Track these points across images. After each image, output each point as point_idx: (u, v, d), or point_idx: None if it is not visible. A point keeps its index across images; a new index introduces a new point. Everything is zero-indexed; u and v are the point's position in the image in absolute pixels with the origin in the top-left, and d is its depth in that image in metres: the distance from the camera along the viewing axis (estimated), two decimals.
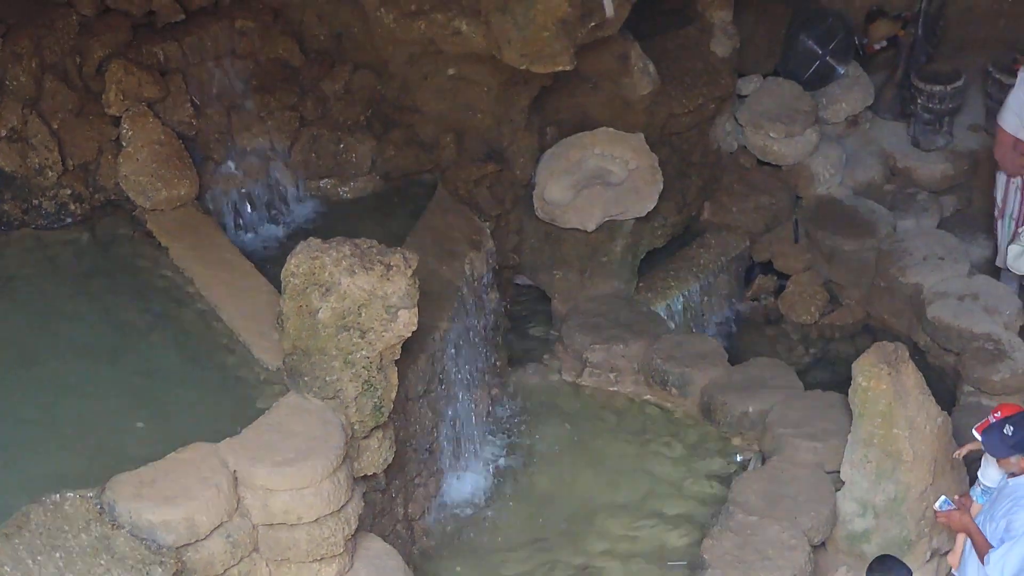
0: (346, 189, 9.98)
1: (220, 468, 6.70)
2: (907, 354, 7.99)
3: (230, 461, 6.75)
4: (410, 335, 7.16)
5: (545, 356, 10.14)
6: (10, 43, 8.84)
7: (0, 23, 8.90)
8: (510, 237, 10.35)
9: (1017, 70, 10.75)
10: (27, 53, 8.87)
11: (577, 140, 10.39)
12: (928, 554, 8.41)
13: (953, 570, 7.87)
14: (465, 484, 9.16)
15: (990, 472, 7.64)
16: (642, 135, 10.35)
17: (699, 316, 10.88)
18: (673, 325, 10.38)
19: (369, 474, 7.49)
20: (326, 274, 6.90)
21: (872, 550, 8.14)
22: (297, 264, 6.97)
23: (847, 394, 8.20)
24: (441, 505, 8.94)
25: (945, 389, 9.69)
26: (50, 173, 8.99)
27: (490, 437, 9.50)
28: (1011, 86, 10.65)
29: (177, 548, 6.50)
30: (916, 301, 10.43)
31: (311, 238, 7.10)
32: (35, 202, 9.00)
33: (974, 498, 7.76)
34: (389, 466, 7.65)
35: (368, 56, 9.98)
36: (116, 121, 9.13)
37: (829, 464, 8.49)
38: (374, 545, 7.49)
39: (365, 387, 7.11)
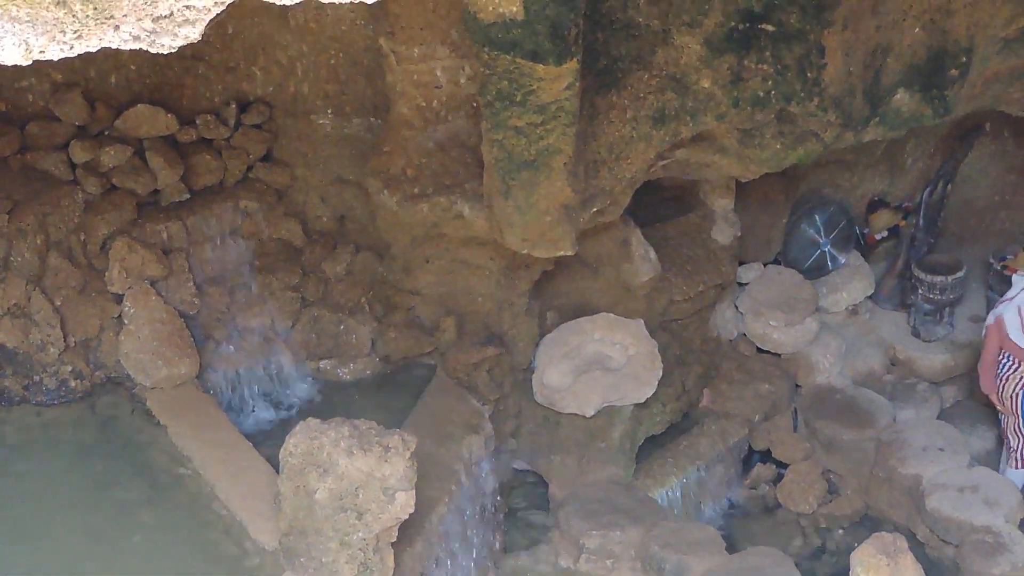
0: (346, 370, 9.99)
1: None
2: (906, 545, 7.90)
3: None
4: (407, 517, 7.11)
5: (542, 541, 10.03)
6: (16, 220, 8.91)
7: (6, 200, 8.99)
8: (508, 421, 10.32)
9: (1010, 274, 10.90)
10: (32, 230, 8.94)
11: (577, 325, 10.42)
12: None
13: None
14: None
15: None
16: (642, 321, 10.38)
17: (697, 503, 10.80)
18: (671, 512, 10.29)
19: None
20: (324, 455, 6.88)
21: None
22: (295, 444, 6.95)
23: None
24: None
25: None
26: (52, 349, 9.01)
27: None
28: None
29: None
30: (915, 492, 10.37)
31: (310, 418, 7.10)
32: (36, 378, 9.00)
33: None
34: None
35: (370, 238, 10.08)
36: (119, 299, 9.17)
37: None
38: None
39: (361, 569, 7.04)
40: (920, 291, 11.72)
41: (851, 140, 9.52)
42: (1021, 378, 10.17)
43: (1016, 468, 10.43)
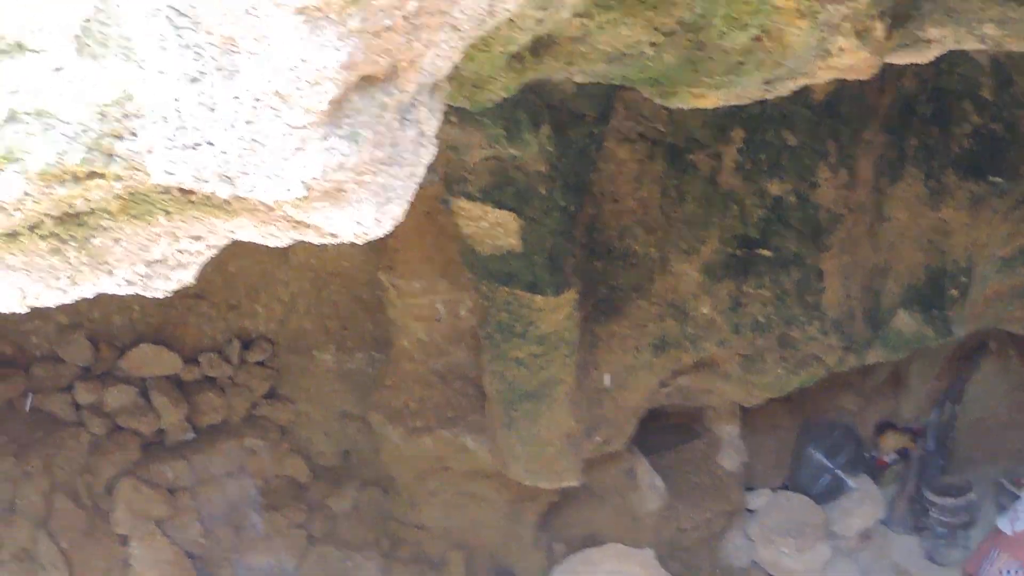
0: None
1: None
2: None
3: None
4: None
5: None
6: (22, 462, 8.90)
7: (12, 443, 8.99)
8: None
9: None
10: (38, 472, 8.92)
11: (586, 556, 10.29)
12: None
13: None
14: None
15: None
16: (651, 551, 10.26)
17: None
18: None
19: None
20: None
21: None
22: None
23: None
24: None
25: None
26: None
27: None
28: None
29: None
30: None
31: None
32: None
33: None
34: None
35: (375, 472, 10.04)
36: (125, 540, 9.11)
37: None
38: None
39: None
40: (933, 514, 11.60)
41: (854, 363, 9.52)
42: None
43: None
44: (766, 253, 8.69)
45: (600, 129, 7.64)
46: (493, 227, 7.54)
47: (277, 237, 3.18)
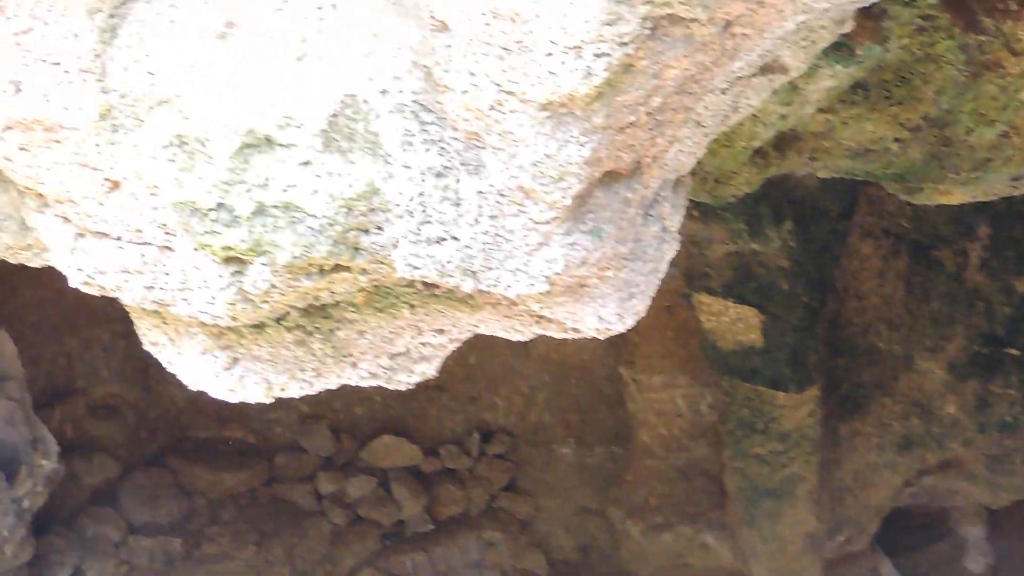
0: None
1: None
2: None
3: None
4: None
5: None
6: (263, 551, 9.06)
7: (254, 531, 9.16)
8: None
9: None
10: (279, 561, 9.08)
11: None
12: None
13: None
14: None
15: None
16: None
17: None
18: None
19: None
20: None
21: None
22: None
23: None
24: None
25: None
26: None
27: None
28: None
29: None
30: None
31: None
32: None
33: None
34: None
35: (614, 568, 9.95)
36: None
37: None
38: None
39: None
40: None
41: None
42: None
43: None
44: (1014, 352, 8.44)
45: (843, 224, 7.55)
46: (734, 322, 7.49)
47: (520, 332, 3.19)
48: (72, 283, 3.05)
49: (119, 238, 2.89)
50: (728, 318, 7.50)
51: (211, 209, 2.73)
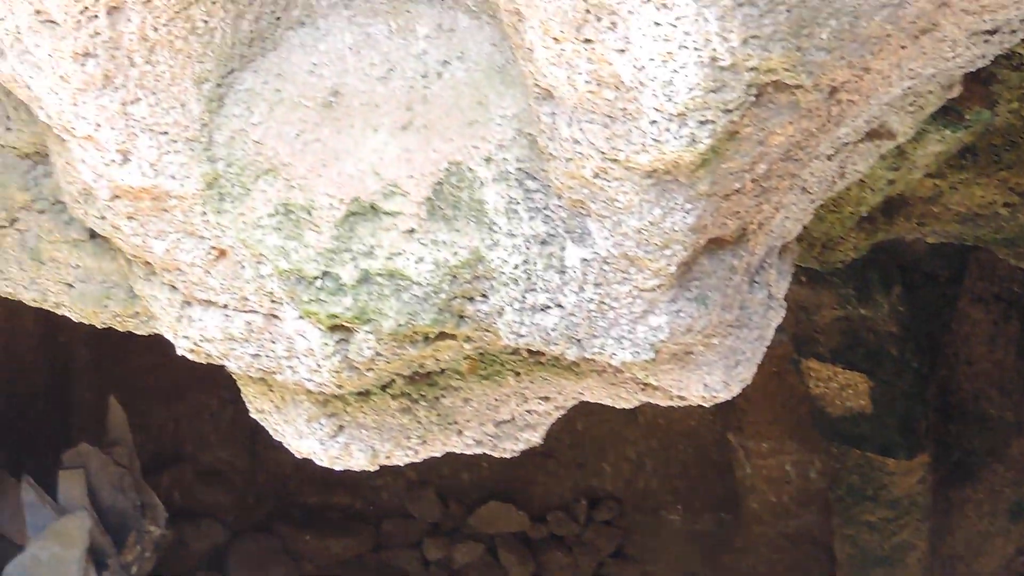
0: None
1: None
2: None
3: None
4: None
5: None
6: None
7: None
8: None
9: None
10: None
11: None
12: None
13: None
14: None
15: None
16: None
17: None
18: None
19: None
20: None
21: None
22: None
23: None
24: None
25: None
26: None
27: None
28: None
29: None
30: None
31: None
32: None
33: None
34: None
35: None
36: None
37: None
38: None
39: None
40: None
41: None
42: None
43: None
44: None
45: (953, 289, 7.48)
46: (843, 388, 7.44)
47: (625, 399, 3.17)
48: (179, 351, 3.08)
49: (225, 306, 2.93)
50: (837, 384, 7.45)
51: (316, 277, 2.75)
